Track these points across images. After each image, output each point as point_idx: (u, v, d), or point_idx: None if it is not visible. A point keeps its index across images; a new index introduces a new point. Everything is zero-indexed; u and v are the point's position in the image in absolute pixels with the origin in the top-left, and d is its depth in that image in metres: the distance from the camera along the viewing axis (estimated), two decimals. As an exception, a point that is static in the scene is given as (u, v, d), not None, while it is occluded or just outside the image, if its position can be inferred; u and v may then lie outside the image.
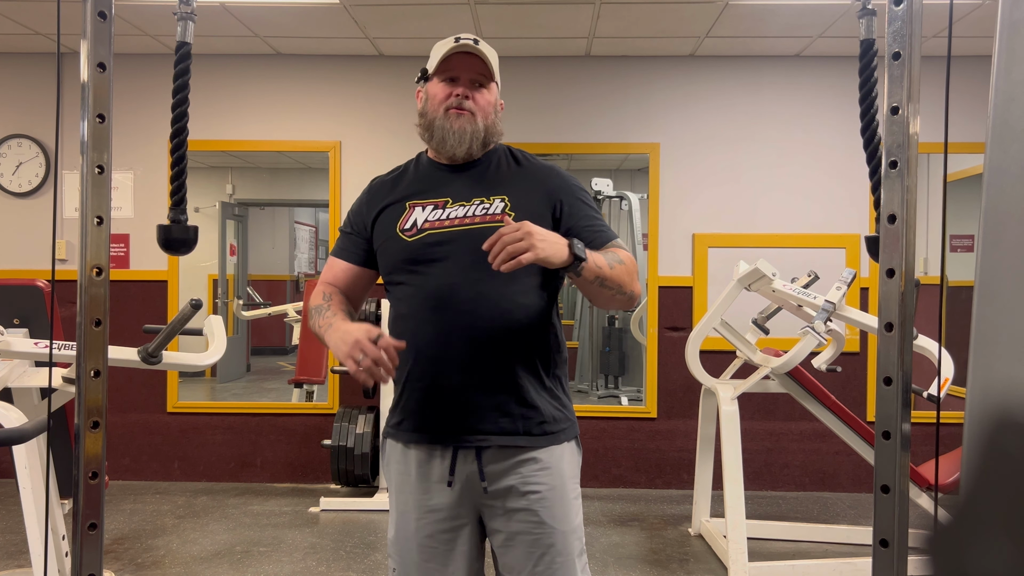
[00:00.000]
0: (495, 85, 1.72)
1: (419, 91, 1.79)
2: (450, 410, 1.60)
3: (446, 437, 1.61)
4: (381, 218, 1.69)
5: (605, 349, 6.93)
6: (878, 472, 1.28)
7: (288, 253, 9.35)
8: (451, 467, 1.60)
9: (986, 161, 0.70)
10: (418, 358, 1.61)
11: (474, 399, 1.59)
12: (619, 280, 1.57)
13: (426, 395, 1.62)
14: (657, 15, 4.08)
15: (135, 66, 4.78)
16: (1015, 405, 0.64)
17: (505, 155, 1.73)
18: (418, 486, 1.63)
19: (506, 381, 1.60)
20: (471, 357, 1.58)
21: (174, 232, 1.68)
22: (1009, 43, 0.70)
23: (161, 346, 2.58)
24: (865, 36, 1.58)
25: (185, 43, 1.60)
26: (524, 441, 1.60)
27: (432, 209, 1.65)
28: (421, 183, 1.70)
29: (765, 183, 4.73)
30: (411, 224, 1.64)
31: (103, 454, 1.28)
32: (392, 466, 1.69)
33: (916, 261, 1.29)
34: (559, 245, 1.46)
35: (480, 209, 1.63)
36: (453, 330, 1.58)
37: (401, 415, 1.67)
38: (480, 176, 1.68)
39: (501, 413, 1.59)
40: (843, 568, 3.41)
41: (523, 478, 1.60)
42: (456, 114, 1.65)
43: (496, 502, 1.61)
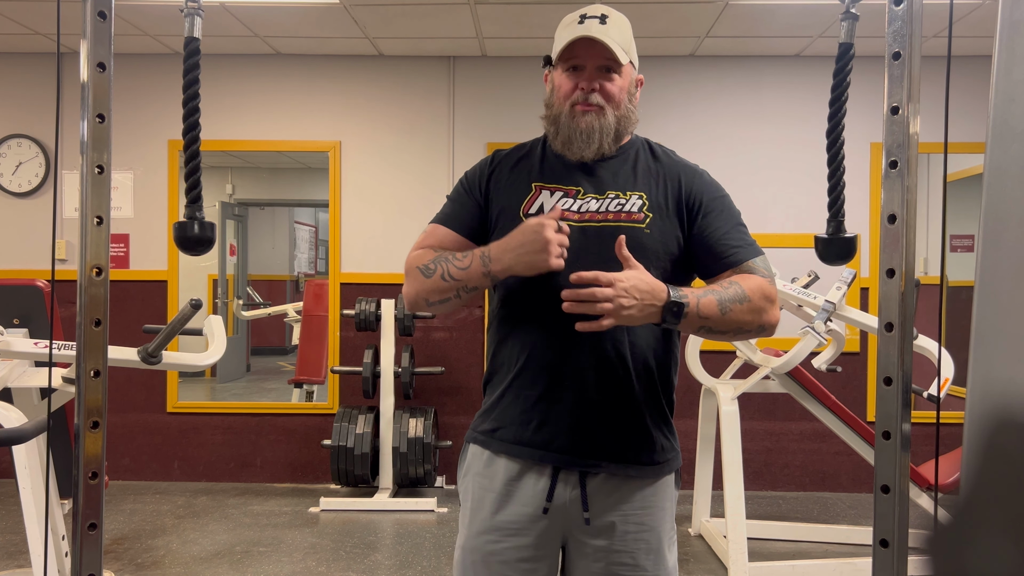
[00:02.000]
0: (629, 65, 1.49)
1: (546, 75, 1.57)
2: (560, 426, 1.43)
3: (550, 455, 1.43)
4: (502, 193, 1.51)
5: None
6: (878, 472, 1.28)
7: (288, 253, 9.35)
8: (550, 491, 1.43)
9: (986, 161, 0.70)
10: (530, 362, 1.44)
11: (590, 417, 1.43)
12: (735, 324, 1.40)
13: (534, 405, 1.44)
14: (657, 15, 4.08)
15: (135, 66, 4.78)
16: (1015, 405, 0.64)
17: (643, 148, 1.55)
18: (502, 503, 1.45)
19: (627, 402, 1.44)
20: (593, 371, 1.42)
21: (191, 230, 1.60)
22: (1009, 43, 0.70)
23: (161, 346, 2.58)
24: (844, 39, 1.58)
25: (193, 38, 1.57)
26: (635, 471, 1.45)
27: (562, 197, 1.47)
28: (550, 166, 1.51)
29: (765, 183, 4.73)
30: (537, 209, 1.46)
31: (103, 454, 1.28)
32: (472, 476, 1.51)
33: (916, 261, 1.29)
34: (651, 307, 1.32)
35: (615, 205, 1.45)
36: (578, 338, 1.38)
37: (497, 422, 1.48)
38: (616, 169, 1.50)
39: (616, 437, 1.44)
40: (843, 568, 3.41)
41: (624, 515, 1.44)
42: (582, 111, 1.46)
43: (588, 537, 1.44)
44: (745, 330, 1.43)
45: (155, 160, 4.83)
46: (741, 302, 1.39)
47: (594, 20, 1.45)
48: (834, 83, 1.60)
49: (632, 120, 1.51)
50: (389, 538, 3.89)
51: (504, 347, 1.49)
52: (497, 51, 4.72)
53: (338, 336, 4.83)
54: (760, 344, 3.84)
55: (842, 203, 1.66)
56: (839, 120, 1.61)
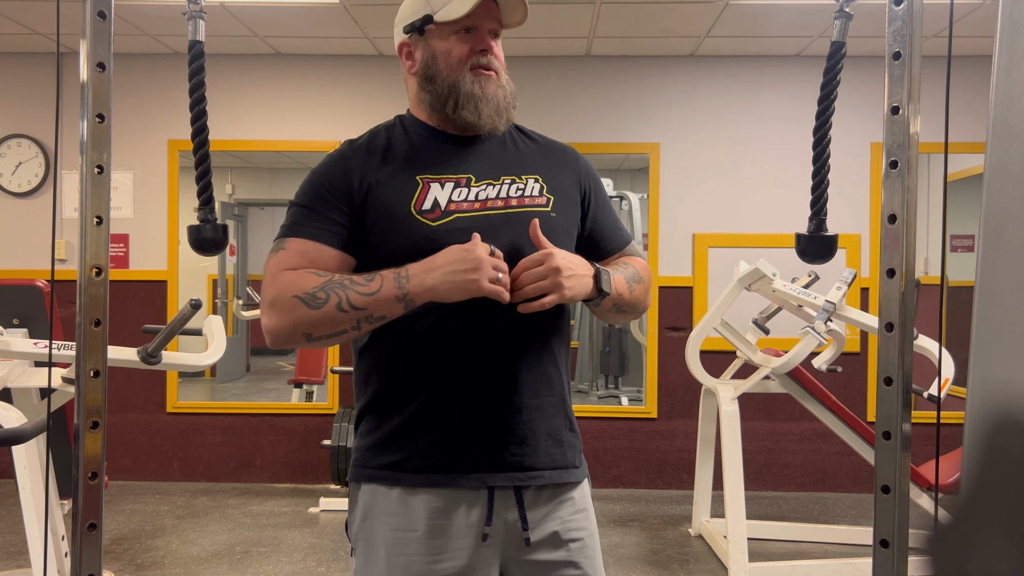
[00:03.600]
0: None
1: (407, 45, 1.39)
2: (491, 442, 1.27)
3: (484, 477, 1.27)
4: (381, 193, 1.29)
5: (605, 349, 6.93)
6: (878, 472, 1.28)
7: (288, 253, 9.34)
8: (488, 514, 1.27)
9: (986, 161, 0.70)
10: (443, 375, 1.28)
11: (525, 425, 1.29)
12: (636, 302, 1.38)
13: (453, 423, 1.27)
14: (657, 15, 4.08)
15: (135, 66, 4.78)
16: (1015, 405, 0.64)
17: (511, 128, 1.44)
18: (429, 544, 1.26)
19: (557, 401, 1.34)
20: (523, 373, 1.29)
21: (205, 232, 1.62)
22: (1009, 43, 0.70)
23: (161, 346, 2.58)
24: (837, 38, 1.58)
25: (197, 41, 1.58)
26: (570, 475, 1.34)
27: (454, 187, 1.30)
28: (428, 154, 1.34)
29: (765, 183, 4.73)
30: (431, 204, 1.28)
31: (103, 454, 1.28)
32: (379, 519, 1.29)
33: (916, 261, 1.29)
34: (585, 279, 1.25)
35: (515, 190, 1.33)
36: (499, 340, 1.28)
37: (404, 451, 1.28)
38: (499, 150, 1.38)
39: (555, 441, 1.32)
40: (843, 568, 3.41)
41: (563, 523, 1.33)
42: (486, 76, 1.33)
43: (531, 554, 1.30)
44: (639, 309, 1.42)
45: (155, 160, 4.83)
46: (639, 282, 1.40)
47: None
48: (824, 81, 1.60)
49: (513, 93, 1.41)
50: (389, 538, 3.89)
51: (403, 366, 1.29)
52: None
53: (338, 336, 4.82)
54: (760, 344, 3.84)
55: (825, 201, 1.66)
56: (827, 119, 1.62)
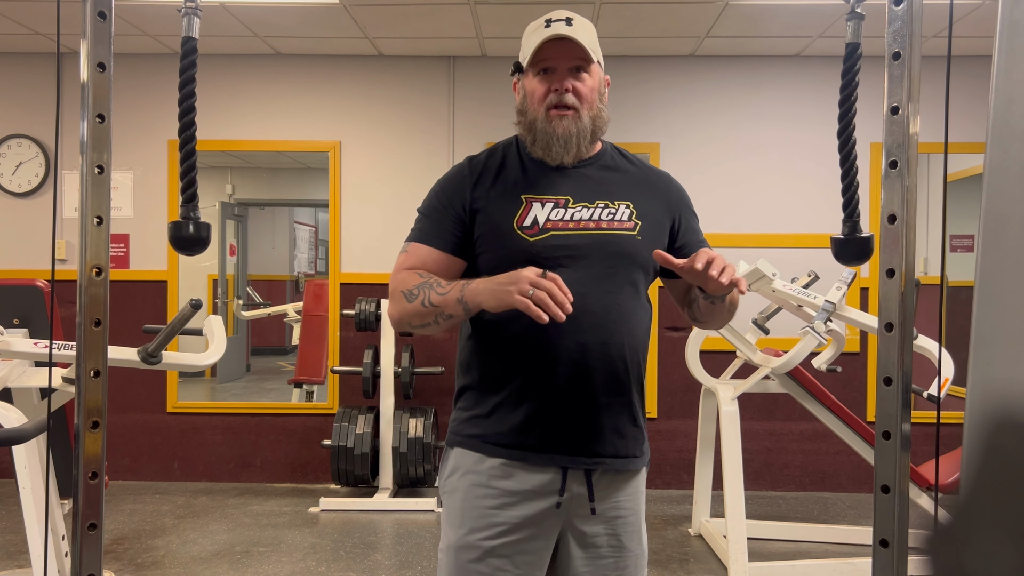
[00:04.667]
0: (597, 65, 1.54)
1: (515, 83, 1.61)
2: (565, 430, 1.47)
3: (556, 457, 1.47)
4: (490, 207, 1.49)
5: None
6: (878, 472, 1.28)
7: (288, 253, 9.35)
8: (562, 486, 1.48)
9: (986, 161, 0.70)
10: (530, 370, 1.46)
11: (595, 419, 1.48)
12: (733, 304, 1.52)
13: (536, 412, 1.46)
14: (657, 15, 4.08)
15: (135, 66, 4.78)
16: (1015, 405, 0.64)
17: (614, 153, 1.60)
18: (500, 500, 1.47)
19: (625, 401, 1.51)
20: (597, 374, 1.46)
21: (185, 230, 1.59)
22: (1009, 43, 0.70)
23: (161, 346, 2.58)
24: (851, 39, 1.58)
25: (191, 38, 1.58)
26: (632, 464, 1.54)
27: (553, 207, 1.48)
28: (534, 176, 1.52)
29: (765, 183, 4.73)
30: (531, 221, 1.46)
31: (103, 454, 1.28)
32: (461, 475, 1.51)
33: (916, 261, 1.29)
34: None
35: (606, 214, 1.49)
36: (581, 344, 1.44)
37: (495, 428, 1.49)
38: (597, 175, 1.54)
39: (618, 435, 1.50)
40: (843, 568, 3.41)
41: (616, 503, 1.53)
42: (559, 115, 1.49)
43: (587, 525, 1.51)
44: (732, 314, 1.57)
45: (155, 160, 4.83)
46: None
47: (560, 22, 1.48)
48: (843, 83, 1.60)
49: (604, 119, 1.55)
50: (389, 538, 3.89)
51: (499, 356, 1.49)
52: (497, 51, 4.72)
53: (338, 336, 4.83)
54: (760, 344, 3.84)
55: (857, 203, 1.66)
56: (850, 120, 1.62)
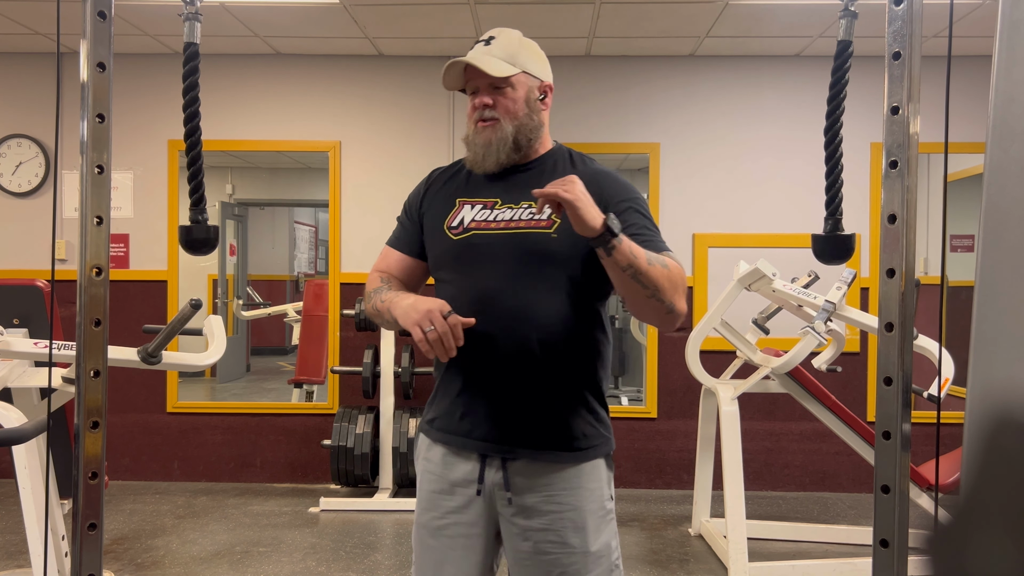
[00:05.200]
0: (523, 76, 1.59)
1: None
2: (479, 416, 1.56)
3: (475, 443, 1.57)
4: (431, 211, 1.65)
5: (605, 349, 6.92)
6: (878, 472, 1.28)
7: (288, 253, 9.35)
8: (480, 474, 1.57)
9: (986, 161, 0.70)
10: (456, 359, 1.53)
11: (506, 409, 1.54)
12: (656, 281, 1.44)
13: (459, 398, 1.58)
14: (657, 15, 4.08)
15: (135, 66, 4.78)
16: (1015, 405, 0.64)
17: (563, 158, 1.65)
18: (442, 486, 1.61)
19: (540, 393, 1.54)
20: (507, 366, 1.53)
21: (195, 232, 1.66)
22: (1009, 43, 0.70)
23: (161, 346, 2.58)
24: (843, 37, 1.58)
25: (193, 43, 1.59)
26: (551, 457, 1.55)
27: (480, 209, 1.59)
28: (475, 180, 1.64)
29: (765, 183, 4.73)
30: (458, 222, 1.59)
31: (103, 454, 1.28)
32: (420, 462, 1.69)
33: (916, 261, 1.29)
34: (596, 209, 1.39)
35: (527, 214, 1.56)
36: (492, 336, 1.52)
37: (434, 413, 1.64)
38: (531, 180, 1.60)
39: (532, 426, 1.54)
40: (843, 568, 3.41)
41: (547, 496, 1.55)
42: (482, 127, 1.59)
43: (517, 518, 1.56)
44: (659, 297, 1.45)
45: (155, 160, 4.83)
46: (664, 266, 1.46)
47: (480, 43, 1.59)
48: (832, 80, 1.60)
49: (532, 127, 1.60)
50: (389, 538, 3.89)
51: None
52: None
53: (338, 336, 4.83)
54: (760, 344, 3.84)
55: (840, 201, 1.66)
56: (837, 118, 1.62)
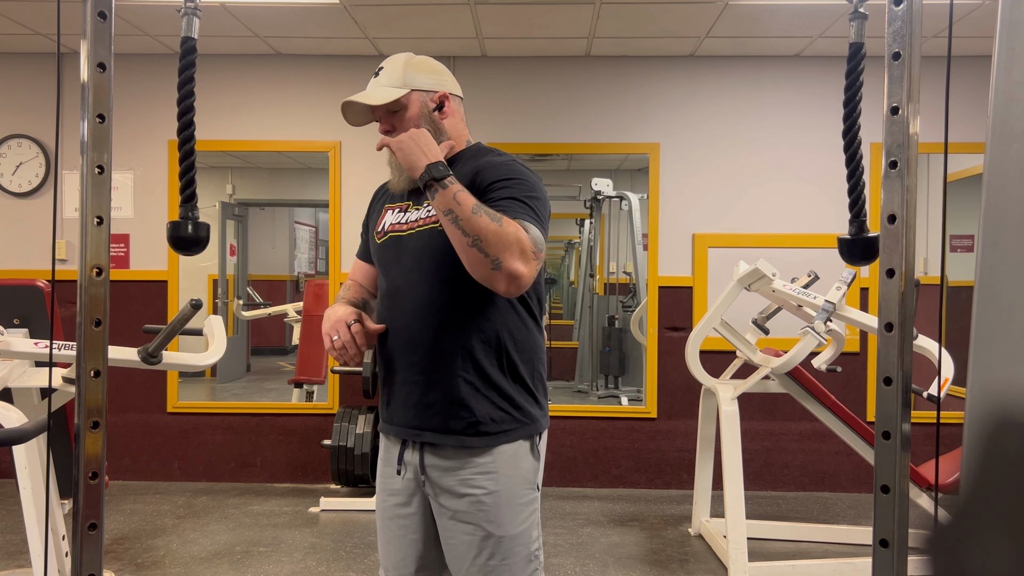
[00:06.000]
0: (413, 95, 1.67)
1: None
2: (398, 405, 1.69)
3: (395, 429, 1.71)
4: (371, 220, 1.83)
5: (605, 349, 6.93)
6: (878, 472, 1.28)
7: (288, 253, 9.35)
8: (399, 457, 1.70)
9: (986, 161, 0.70)
10: (381, 355, 1.74)
11: (413, 396, 1.66)
12: (478, 230, 1.45)
13: (384, 388, 1.74)
14: (657, 15, 4.08)
15: (135, 66, 4.78)
16: (1015, 405, 0.64)
17: (471, 155, 1.72)
18: (384, 470, 1.76)
19: (440, 381, 1.63)
20: (410, 356, 1.65)
21: (184, 230, 1.60)
22: (1009, 43, 0.70)
23: (161, 346, 2.58)
24: (855, 39, 1.59)
25: (190, 38, 1.59)
26: (453, 440, 1.62)
27: (397, 212, 1.73)
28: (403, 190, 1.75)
29: (765, 183, 4.73)
30: (382, 227, 1.74)
31: (103, 454, 1.28)
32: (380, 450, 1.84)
33: (916, 261, 1.29)
34: (419, 156, 1.53)
35: (426, 211, 1.66)
36: (398, 330, 1.67)
37: (379, 405, 1.81)
38: None
39: (434, 411, 1.63)
40: (843, 568, 3.41)
41: (462, 479, 1.63)
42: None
43: (439, 499, 1.66)
44: (480, 248, 1.45)
45: (155, 160, 4.83)
46: (493, 219, 1.46)
47: (372, 78, 1.70)
48: (847, 83, 1.60)
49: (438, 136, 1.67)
50: (389, 538, 3.89)
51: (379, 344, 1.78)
52: (497, 51, 4.72)
53: (338, 336, 4.82)
54: (760, 344, 3.84)
55: (863, 203, 1.66)
56: (855, 120, 1.62)
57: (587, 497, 4.57)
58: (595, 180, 6.65)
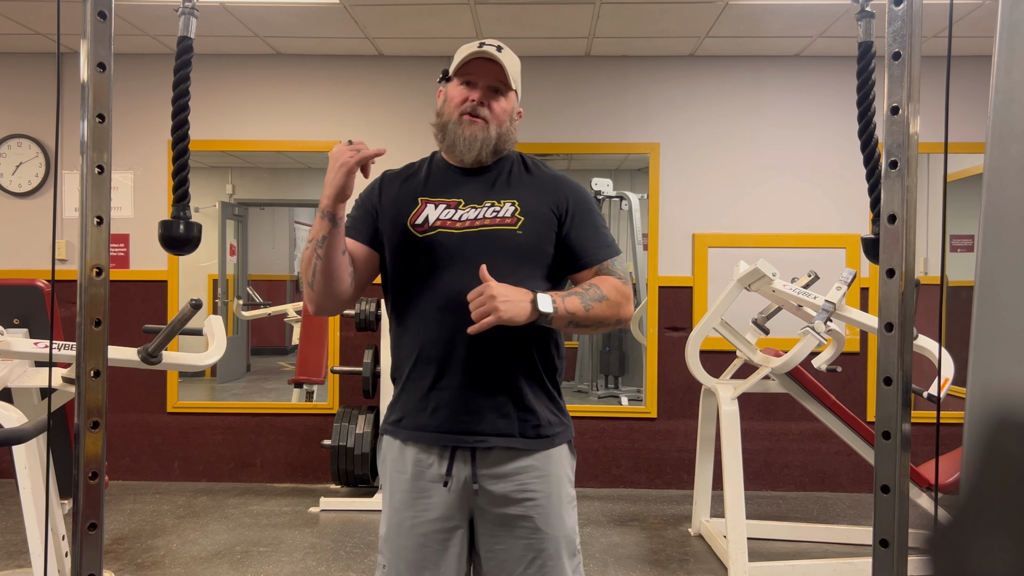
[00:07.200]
0: (514, 93, 1.72)
1: (440, 90, 1.77)
2: (449, 410, 1.61)
3: (444, 437, 1.61)
4: (391, 208, 1.69)
5: (605, 349, 6.93)
6: (878, 472, 1.28)
7: (288, 253, 9.35)
8: (448, 467, 1.61)
9: (986, 161, 0.70)
10: (421, 356, 1.63)
11: (474, 400, 1.60)
12: (597, 319, 1.61)
13: (427, 394, 1.62)
14: (657, 15, 4.08)
15: (135, 66, 4.78)
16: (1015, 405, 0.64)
17: (517, 162, 1.75)
18: (414, 484, 1.64)
19: (507, 383, 1.61)
20: (475, 359, 1.59)
21: (175, 229, 1.61)
22: (1009, 43, 0.70)
23: (161, 346, 2.58)
24: (864, 38, 1.59)
25: (186, 37, 1.60)
26: (520, 443, 1.62)
27: (445, 208, 1.65)
28: (434, 181, 1.71)
29: (765, 183, 4.73)
30: (423, 220, 1.65)
31: (103, 454, 1.28)
32: (388, 463, 1.70)
33: (916, 261, 1.29)
34: (522, 304, 1.51)
35: (491, 212, 1.64)
36: (458, 332, 1.57)
37: (401, 412, 1.67)
38: (493, 180, 1.70)
39: (499, 415, 1.61)
40: (843, 568, 3.41)
41: (518, 484, 1.61)
42: (469, 120, 1.65)
43: (489, 507, 1.61)
44: (605, 323, 1.64)
45: (155, 160, 4.83)
46: (600, 300, 1.61)
47: (491, 47, 1.67)
48: (859, 83, 1.61)
49: (510, 140, 1.72)
50: (389, 538, 3.89)
51: (400, 345, 1.69)
52: (497, 51, 4.72)
53: (338, 336, 4.83)
54: (760, 344, 3.84)
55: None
56: (869, 119, 1.62)
57: (587, 497, 4.57)
58: (595, 180, 6.65)
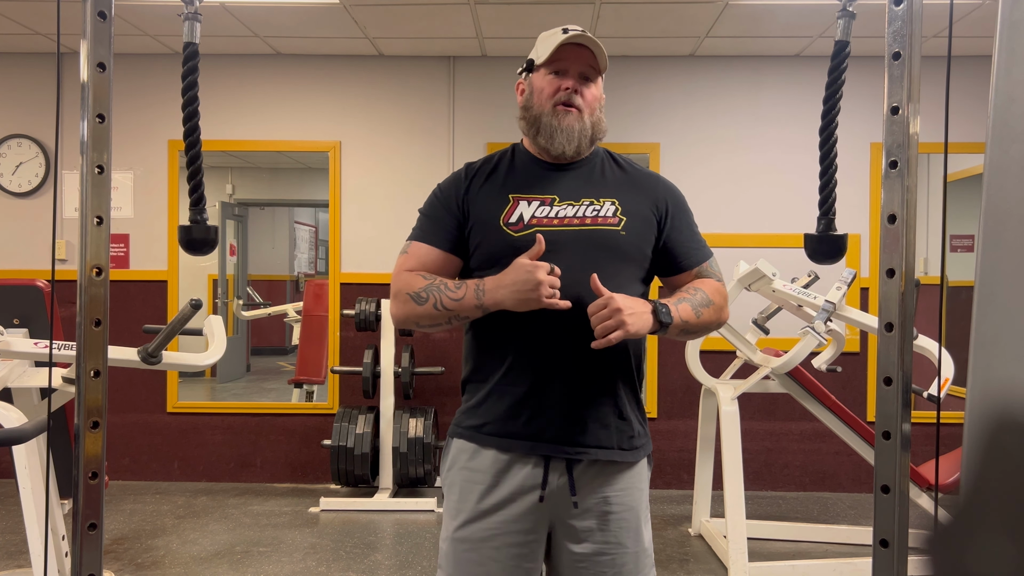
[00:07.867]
0: (601, 79, 1.65)
1: (520, 82, 1.68)
2: (547, 419, 1.50)
3: (540, 446, 1.51)
4: (479, 205, 1.57)
5: (605, 349, 6.92)
6: (878, 472, 1.28)
7: (288, 253, 9.35)
8: (544, 479, 1.51)
9: (986, 161, 0.70)
10: (516, 361, 1.52)
11: (575, 409, 1.51)
12: (705, 325, 1.57)
13: (521, 400, 1.51)
14: (657, 15, 4.08)
15: (135, 66, 4.78)
16: (1015, 405, 0.64)
17: (607, 158, 1.67)
18: (492, 494, 1.52)
19: (608, 393, 1.54)
20: (577, 366, 1.50)
21: (195, 232, 1.66)
22: (1009, 43, 0.70)
23: (161, 346, 2.58)
24: (840, 37, 1.58)
25: (192, 43, 1.59)
26: (618, 456, 1.54)
27: (539, 205, 1.54)
28: (523, 177, 1.59)
29: (765, 183, 4.73)
30: (517, 218, 1.53)
31: (103, 454, 1.28)
32: (458, 470, 1.57)
33: (916, 261, 1.29)
34: (645, 316, 1.46)
35: (591, 210, 1.54)
36: (560, 337, 1.49)
37: (484, 418, 1.54)
38: (587, 176, 1.60)
39: (601, 425, 1.52)
40: (843, 568, 3.41)
41: (607, 497, 1.54)
42: (564, 111, 1.56)
43: (575, 520, 1.52)
44: (710, 329, 1.63)
45: (155, 160, 4.83)
46: (707, 305, 1.58)
47: (579, 31, 1.60)
48: (828, 80, 1.60)
49: (602, 128, 1.63)
50: (389, 538, 3.89)
51: (488, 349, 1.57)
52: (497, 51, 4.72)
53: (338, 336, 4.83)
54: (760, 344, 3.84)
55: (833, 201, 1.66)
56: (833, 118, 1.62)
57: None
58: (595, 180, 6.64)
